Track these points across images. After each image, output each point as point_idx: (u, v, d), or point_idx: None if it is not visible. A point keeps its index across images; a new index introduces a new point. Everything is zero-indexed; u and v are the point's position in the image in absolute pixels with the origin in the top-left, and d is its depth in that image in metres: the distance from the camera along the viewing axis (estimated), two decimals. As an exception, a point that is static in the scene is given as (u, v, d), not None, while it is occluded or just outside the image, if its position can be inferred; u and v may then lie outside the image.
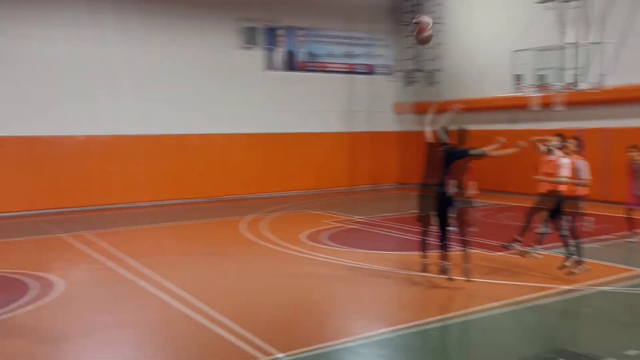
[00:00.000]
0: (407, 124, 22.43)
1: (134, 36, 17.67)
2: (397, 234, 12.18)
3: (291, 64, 20.66)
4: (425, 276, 8.45)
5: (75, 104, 16.77)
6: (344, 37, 21.59)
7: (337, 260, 9.77)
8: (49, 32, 16.44)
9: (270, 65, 20.22)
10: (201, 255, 10.79)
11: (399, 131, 22.54)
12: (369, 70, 22.26)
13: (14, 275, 9.06)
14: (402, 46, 22.22)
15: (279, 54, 20.40)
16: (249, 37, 19.61)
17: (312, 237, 11.91)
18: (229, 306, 7.32)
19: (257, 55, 19.87)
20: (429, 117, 8.71)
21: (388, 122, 22.57)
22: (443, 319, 6.91)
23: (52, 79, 16.52)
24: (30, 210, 16.01)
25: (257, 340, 6.09)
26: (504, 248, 9.67)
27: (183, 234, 13.24)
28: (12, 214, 15.76)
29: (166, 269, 9.35)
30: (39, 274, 9.08)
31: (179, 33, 18.40)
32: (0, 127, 15.76)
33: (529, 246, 9.48)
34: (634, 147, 10.72)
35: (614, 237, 11.31)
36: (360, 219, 14.39)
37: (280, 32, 20.31)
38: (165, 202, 17.85)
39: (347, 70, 21.75)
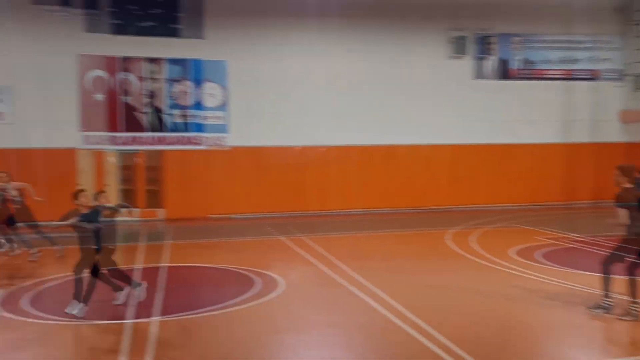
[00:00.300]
0: (638, 134, 20.06)
1: (343, 50, 18.60)
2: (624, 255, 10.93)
3: (503, 72, 19.91)
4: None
5: (294, 117, 18.28)
6: (563, 42, 20.15)
7: (551, 281, 9.18)
8: (276, 52, 18.17)
9: (480, 75, 19.74)
10: (408, 265, 10.97)
11: (627, 142, 20.26)
12: (591, 76, 20.43)
13: (243, 271, 10.22)
14: (633, 48, 19.97)
15: (490, 63, 19.81)
16: (458, 47, 19.39)
17: (523, 254, 11.33)
18: (437, 319, 7.32)
19: (466, 64, 19.55)
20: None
21: (614, 132, 20.44)
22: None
23: (278, 94, 18.21)
24: (255, 213, 17.85)
25: (468, 358, 6.00)
26: None
27: (390, 243, 13.57)
28: (241, 215, 17.76)
29: (374, 275, 9.69)
30: (263, 271, 10.11)
31: (390, 45, 18.92)
32: (235, 138, 17.92)
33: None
34: None
35: None
36: (580, 237, 13.26)
37: (492, 39, 19.72)
38: (374, 211, 18.44)
39: (565, 76, 20.24)
